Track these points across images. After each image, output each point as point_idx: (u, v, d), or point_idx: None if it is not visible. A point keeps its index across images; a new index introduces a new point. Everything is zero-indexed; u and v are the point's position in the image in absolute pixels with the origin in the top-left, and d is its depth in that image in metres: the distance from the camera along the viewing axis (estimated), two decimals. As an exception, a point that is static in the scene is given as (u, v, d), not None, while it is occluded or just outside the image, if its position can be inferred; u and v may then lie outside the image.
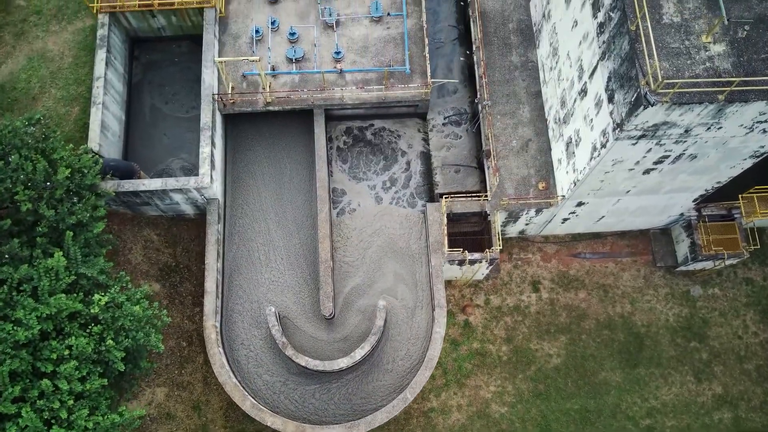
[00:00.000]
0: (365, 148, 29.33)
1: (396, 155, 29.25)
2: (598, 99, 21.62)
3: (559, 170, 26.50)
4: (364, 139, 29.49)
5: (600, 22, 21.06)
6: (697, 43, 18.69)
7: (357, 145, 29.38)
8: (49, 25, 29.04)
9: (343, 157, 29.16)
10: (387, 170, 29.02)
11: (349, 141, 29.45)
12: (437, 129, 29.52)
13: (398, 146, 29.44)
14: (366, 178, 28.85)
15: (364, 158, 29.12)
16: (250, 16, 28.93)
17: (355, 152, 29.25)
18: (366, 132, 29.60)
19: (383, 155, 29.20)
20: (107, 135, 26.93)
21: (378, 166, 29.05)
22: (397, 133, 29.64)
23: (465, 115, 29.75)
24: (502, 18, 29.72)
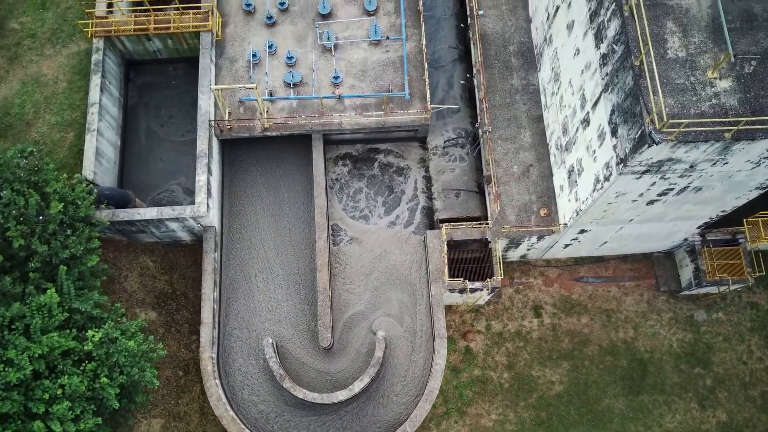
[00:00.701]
0: (364, 173, 28.92)
1: (395, 179, 28.85)
2: (601, 131, 21.20)
3: (561, 197, 26.08)
4: (362, 163, 29.08)
5: (603, 53, 20.65)
6: (702, 78, 18.28)
7: (355, 169, 28.98)
8: (43, 48, 28.65)
9: (341, 181, 28.75)
10: (386, 195, 28.62)
11: (348, 165, 29.04)
12: (437, 152, 29.10)
13: (397, 170, 29.03)
14: (365, 203, 28.43)
15: (362, 182, 28.71)
16: (247, 39, 28.53)
17: (353, 177, 28.84)
18: (365, 156, 29.19)
19: (382, 179, 28.81)
20: (102, 162, 26.53)
21: (377, 190, 28.65)
22: (396, 156, 29.23)
23: (465, 138, 29.32)
24: (503, 40, 29.31)
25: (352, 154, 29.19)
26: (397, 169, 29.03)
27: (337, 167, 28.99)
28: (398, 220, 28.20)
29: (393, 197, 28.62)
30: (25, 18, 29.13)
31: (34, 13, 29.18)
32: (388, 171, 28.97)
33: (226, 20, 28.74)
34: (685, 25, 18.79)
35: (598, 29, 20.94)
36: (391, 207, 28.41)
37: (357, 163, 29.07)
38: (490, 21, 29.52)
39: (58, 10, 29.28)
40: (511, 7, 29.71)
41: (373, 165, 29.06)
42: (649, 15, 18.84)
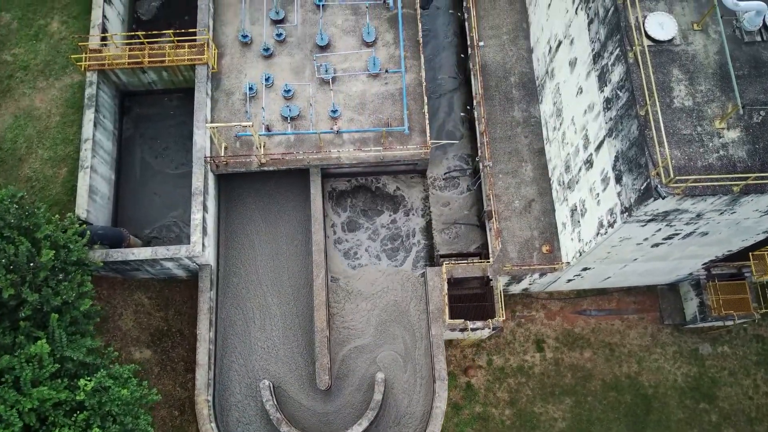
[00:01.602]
0: (362, 206, 28.43)
1: (395, 213, 28.35)
2: (605, 175, 20.70)
3: (564, 234, 25.57)
4: (361, 196, 28.59)
5: (607, 97, 20.15)
6: (710, 129, 17.78)
7: (354, 202, 28.48)
8: (36, 81, 28.15)
9: (339, 215, 28.25)
10: (385, 228, 28.12)
11: (346, 198, 28.54)
12: (437, 184, 28.63)
13: (397, 203, 28.54)
14: (364, 237, 27.94)
15: (361, 216, 28.21)
16: (243, 72, 28.03)
17: (351, 210, 28.34)
18: (363, 188, 28.69)
19: (381, 213, 28.29)
20: (96, 199, 26.03)
21: (376, 224, 28.15)
22: (395, 189, 28.74)
23: (466, 170, 28.84)
24: (504, 71, 28.81)
25: (350, 187, 28.68)
26: (396, 203, 28.53)
27: (335, 201, 28.49)
28: (398, 254, 27.70)
29: (392, 231, 28.12)
30: (17, 49, 28.65)
31: (26, 44, 28.70)
32: (388, 204, 28.47)
33: (222, 51, 28.26)
34: (692, 73, 18.30)
35: (602, 72, 20.44)
36: (391, 241, 27.91)
37: (355, 196, 28.58)
38: (491, 51, 29.03)
39: (51, 41, 28.80)
40: (512, 37, 29.22)
41: (372, 198, 28.56)
42: (655, 62, 18.35)
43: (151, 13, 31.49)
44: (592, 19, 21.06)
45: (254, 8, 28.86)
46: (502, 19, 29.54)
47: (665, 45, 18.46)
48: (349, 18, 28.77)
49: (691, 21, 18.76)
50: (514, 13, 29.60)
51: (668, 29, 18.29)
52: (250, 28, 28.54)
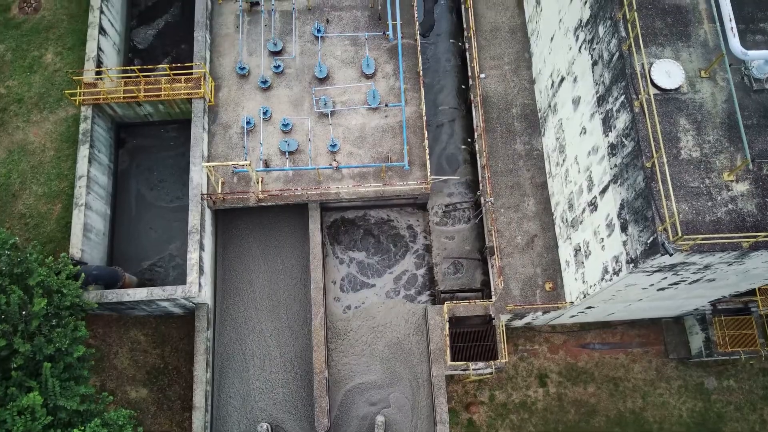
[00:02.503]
0: (361, 239, 27.95)
1: (394, 247, 27.87)
2: (610, 221, 20.22)
3: (567, 272, 25.10)
4: (360, 229, 28.11)
5: (611, 143, 19.68)
6: (718, 181, 17.30)
7: (353, 235, 28.00)
8: (30, 114, 27.70)
9: (338, 249, 27.78)
10: (385, 263, 27.64)
11: (345, 232, 28.07)
12: (438, 218, 28.15)
13: (397, 237, 28.06)
14: (363, 272, 27.47)
15: (360, 250, 27.74)
16: (241, 104, 27.58)
17: (350, 244, 27.86)
18: (363, 222, 28.22)
19: (381, 247, 27.83)
20: (90, 237, 25.57)
21: (375, 258, 27.68)
22: (395, 222, 28.26)
23: (467, 203, 28.37)
24: (505, 102, 28.34)
25: (349, 221, 28.21)
26: (396, 236, 28.05)
27: (334, 234, 28.02)
28: (398, 290, 27.22)
29: (392, 266, 27.64)
30: (11, 82, 28.20)
31: (21, 76, 28.25)
32: (387, 238, 27.99)
33: (219, 83, 27.81)
34: (699, 122, 17.83)
35: (606, 116, 19.97)
36: (390, 276, 27.43)
37: (355, 230, 28.10)
38: (492, 82, 28.57)
39: (46, 73, 28.34)
40: (513, 67, 28.76)
41: (371, 232, 28.09)
42: (661, 110, 17.88)
43: (147, 42, 31.04)
44: (596, 60, 20.60)
45: (251, 39, 28.42)
46: (504, 49, 29.09)
47: (672, 93, 17.99)
48: (348, 49, 28.32)
49: (699, 68, 18.30)
50: (515, 42, 29.14)
51: (675, 78, 17.83)
52: (248, 59, 28.09)
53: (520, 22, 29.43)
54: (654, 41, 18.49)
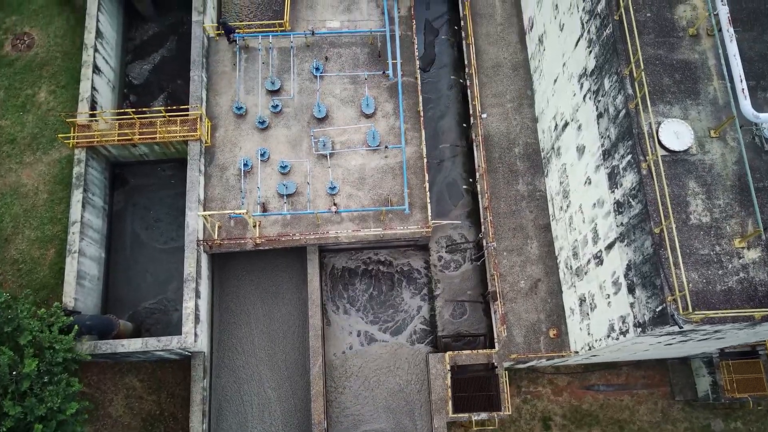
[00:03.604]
0: (361, 282, 27.41)
1: (394, 289, 27.32)
2: (616, 279, 19.66)
3: (572, 319, 24.53)
4: (359, 271, 27.56)
5: (618, 200, 19.12)
6: (729, 248, 16.73)
7: (352, 278, 27.46)
8: (23, 155, 27.16)
9: (337, 293, 27.23)
10: (385, 306, 27.09)
11: (344, 274, 27.52)
12: (439, 259, 27.58)
13: (397, 279, 27.50)
14: (362, 316, 26.92)
15: (359, 293, 27.19)
16: (238, 145, 27.04)
17: (350, 287, 27.32)
18: (362, 264, 27.67)
19: (380, 290, 27.28)
20: (84, 284, 25.02)
21: (375, 302, 27.12)
22: (395, 264, 27.71)
23: (469, 243, 27.80)
24: (507, 141, 27.79)
25: (348, 262, 27.66)
26: (396, 279, 27.50)
27: (333, 277, 27.46)
28: (398, 335, 26.67)
29: (392, 309, 27.09)
30: (4, 121, 27.67)
31: (14, 115, 27.72)
32: (387, 280, 27.44)
33: (216, 123, 27.27)
34: (709, 185, 17.27)
35: (612, 172, 19.42)
36: (391, 320, 26.88)
37: (354, 272, 27.55)
38: (494, 120, 28.02)
39: (39, 112, 27.81)
40: (516, 105, 28.21)
41: (370, 274, 27.55)
42: (670, 173, 17.33)
43: (142, 77, 30.53)
44: (602, 113, 20.05)
45: (249, 77, 27.88)
46: (506, 86, 28.55)
47: (681, 154, 17.43)
48: (347, 87, 27.79)
49: (708, 127, 17.75)
50: (518, 79, 28.60)
51: (684, 139, 17.27)
52: (245, 98, 27.56)
53: (522, 58, 28.89)
54: (662, 99, 17.95)
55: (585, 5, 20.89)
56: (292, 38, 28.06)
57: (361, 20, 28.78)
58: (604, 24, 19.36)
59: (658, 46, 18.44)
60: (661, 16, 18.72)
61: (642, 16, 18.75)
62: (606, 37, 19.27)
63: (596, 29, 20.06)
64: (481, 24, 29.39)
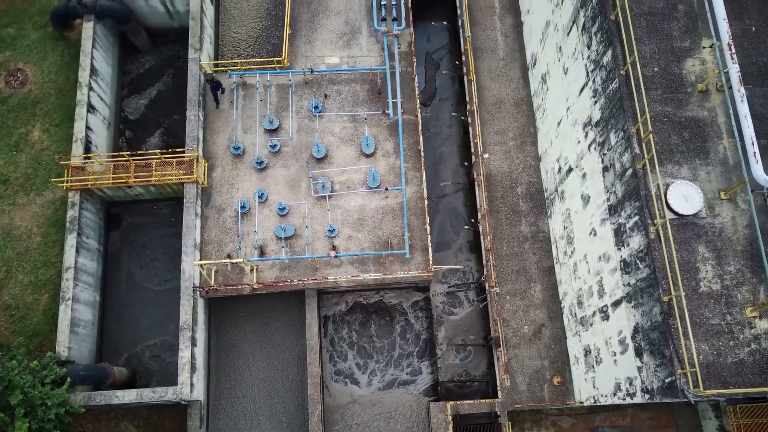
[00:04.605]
0: (360, 324, 26.90)
1: (394, 332, 26.80)
2: (623, 338, 19.12)
3: (577, 368, 24.00)
4: (358, 314, 27.06)
5: (625, 259, 18.58)
6: (740, 318, 16.20)
7: (351, 321, 26.94)
8: (16, 197, 26.65)
9: (336, 335, 26.70)
10: (385, 349, 26.57)
11: (343, 317, 27.00)
12: (440, 300, 27.06)
13: (397, 321, 26.98)
14: (361, 360, 26.41)
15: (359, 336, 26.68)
16: (235, 185, 26.52)
17: (349, 329, 26.80)
18: (362, 307, 27.15)
19: (380, 332, 26.76)
20: (78, 331, 24.50)
21: (374, 344, 26.60)
22: (395, 306, 27.19)
23: (470, 284, 27.27)
24: (510, 180, 27.27)
25: (348, 305, 27.14)
26: (396, 321, 26.98)
27: (332, 321, 26.94)
28: (398, 381, 26.14)
29: (392, 352, 26.56)
30: (-3, 161, 27.19)
31: (7, 155, 27.21)
32: (387, 322, 26.92)
33: (213, 163, 26.76)
34: (719, 250, 16.73)
35: (619, 229, 18.88)
36: (391, 366, 26.35)
37: (353, 316, 27.03)
38: (496, 159, 27.50)
39: (33, 151, 27.30)
40: (518, 143, 27.69)
41: (370, 316, 27.02)
42: (678, 237, 16.79)
43: (138, 112, 30.03)
44: (607, 167, 19.52)
45: (246, 115, 27.38)
46: (508, 123, 28.03)
47: (690, 218, 16.89)
48: (347, 125, 27.27)
49: (718, 188, 17.21)
50: (520, 116, 28.08)
51: (693, 203, 16.74)
52: (243, 137, 27.05)
53: (525, 94, 28.37)
54: (670, 158, 17.42)
55: (590, 54, 20.37)
56: (290, 75, 27.55)
57: (360, 56, 28.27)
58: (610, 77, 18.83)
59: (666, 103, 17.91)
60: (668, 71, 18.20)
61: (649, 71, 18.23)
62: (612, 91, 18.74)
63: (602, 81, 19.53)
64: (482, 59, 28.87)
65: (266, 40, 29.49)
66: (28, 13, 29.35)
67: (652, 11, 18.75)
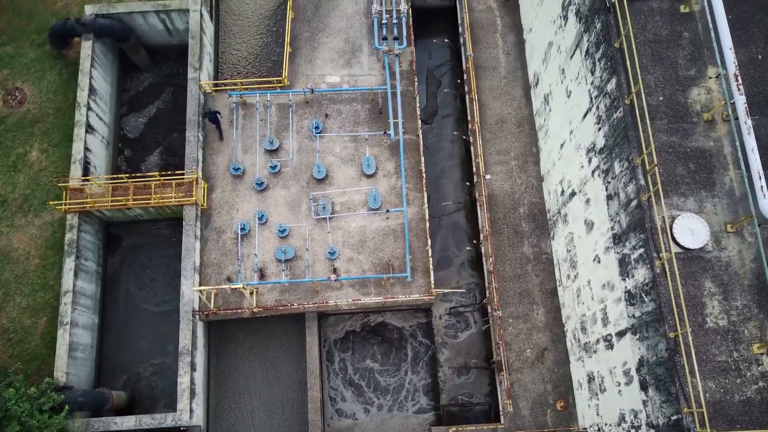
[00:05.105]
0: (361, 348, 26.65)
1: (396, 354, 26.56)
2: (628, 370, 18.87)
3: (580, 393, 23.74)
4: (359, 336, 26.81)
5: (629, 291, 18.33)
6: (747, 354, 15.95)
7: (353, 344, 26.69)
8: (14, 218, 26.42)
9: (338, 359, 26.46)
10: (386, 372, 26.32)
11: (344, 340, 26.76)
12: (442, 322, 26.80)
13: (398, 344, 26.73)
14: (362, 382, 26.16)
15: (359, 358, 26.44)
16: (235, 207, 26.28)
17: (350, 353, 26.56)
18: (363, 330, 26.92)
19: (381, 355, 26.51)
20: (76, 356, 24.28)
21: (376, 367, 26.35)
22: (397, 328, 26.94)
23: (473, 306, 27.03)
24: (512, 201, 27.02)
25: (348, 328, 26.90)
26: (397, 343, 26.73)
27: (333, 343, 26.70)
28: (399, 404, 25.89)
29: (394, 375, 26.32)
30: (-6, 182, 26.95)
31: (5, 176, 26.97)
32: (389, 345, 26.68)
33: (213, 183, 26.52)
34: (726, 284, 16.48)
35: (623, 259, 18.64)
36: (392, 389, 26.10)
37: (354, 338, 26.79)
38: (499, 179, 27.26)
39: (31, 172, 27.06)
40: (520, 162, 27.45)
41: (371, 339, 26.78)
42: (684, 271, 16.55)
43: (138, 131, 29.79)
44: (611, 195, 19.28)
45: (246, 135, 27.14)
46: (510, 143, 27.79)
47: (696, 251, 16.65)
48: (347, 145, 27.04)
49: (725, 221, 16.97)
50: (522, 135, 27.84)
51: (699, 236, 16.49)
52: (243, 157, 26.81)
53: (527, 113, 28.13)
54: (676, 190, 17.18)
55: (594, 80, 20.13)
56: (290, 95, 27.31)
57: (361, 74, 28.04)
58: (615, 105, 18.59)
59: (672, 133, 17.68)
60: (674, 99, 17.97)
61: (654, 100, 17.99)
62: (616, 120, 18.50)
63: (606, 108, 19.29)
64: (484, 78, 28.63)
65: (267, 57, 29.28)
66: (26, 31, 29.13)
67: (657, 39, 18.51)
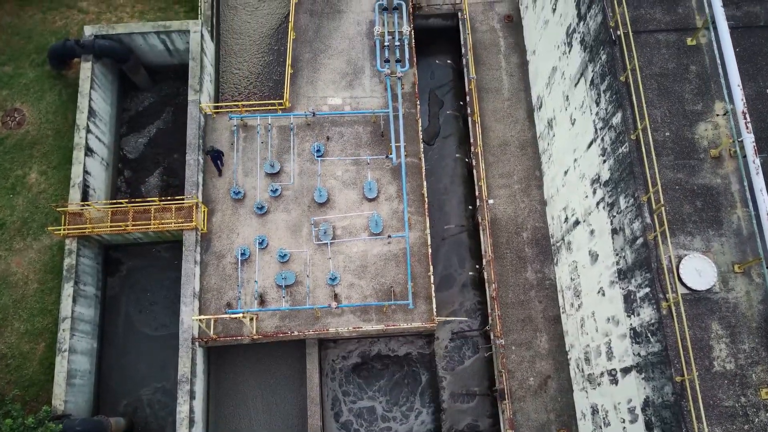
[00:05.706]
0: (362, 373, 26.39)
1: (397, 381, 26.30)
2: (633, 408, 18.59)
3: (583, 423, 23.46)
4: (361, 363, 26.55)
5: (634, 329, 18.05)
6: (755, 400, 15.66)
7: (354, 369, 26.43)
8: (12, 242, 26.20)
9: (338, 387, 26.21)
10: (388, 399, 26.07)
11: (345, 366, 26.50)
12: (445, 347, 26.55)
13: (399, 370, 26.48)
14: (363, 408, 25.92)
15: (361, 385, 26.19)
16: (236, 231, 26.03)
17: (351, 379, 26.30)
18: (364, 357, 26.66)
19: (383, 381, 26.27)
20: (75, 382, 24.06)
21: (377, 394, 26.10)
22: (398, 356, 26.68)
23: (475, 331, 26.76)
24: (515, 225, 26.76)
25: (349, 354, 26.65)
26: (399, 370, 26.47)
27: (334, 370, 26.45)
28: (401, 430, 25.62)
29: (395, 402, 26.06)
30: (-7, 204, 26.74)
31: (3, 198, 26.76)
32: (390, 371, 26.42)
33: (213, 207, 26.28)
34: (733, 327, 16.20)
35: (629, 296, 18.36)
36: (393, 414, 25.84)
37: (355, 365, 26.53)
38: (502, 203, 27.00)
39: (30, 195, 26.84)
40: (524, 186, 27.19)
41: (373, 366, 26.52)
42: (691, 313, 16.27)
43: (137, 151, 29.57)
44: (617, 230, 19.00)
45: (247, 157, 26.90)
46: (513, 166, 27.53)
47: (703, 293, 16.37)
48: (349, 168, 26.79)
49: (732, 261, 16.68)
50: (525, 159, 27.58)
51: (707, 278, 16.22)
52: (243, 180, 26.57)
53: (530, 135, 27.87)
54: (682, 229, 16.90)
55: (599, 111, 19.86)
56: (291, 118, 27.07)
57: (363, 96, 27.79)
58: (620, 140, 18.31)
59: (678, 169, 17.40)
60: (680, 135, 17.69)
61: (660, 135, 17.71)
62: (622, 154, 18.23)
63: (611, 141, 19.02)
64: (487, 99, 28.37)
65: (268, 76, 29.05)
66: (25, 51, 28.92)
67: (664, 72, 18.24)
